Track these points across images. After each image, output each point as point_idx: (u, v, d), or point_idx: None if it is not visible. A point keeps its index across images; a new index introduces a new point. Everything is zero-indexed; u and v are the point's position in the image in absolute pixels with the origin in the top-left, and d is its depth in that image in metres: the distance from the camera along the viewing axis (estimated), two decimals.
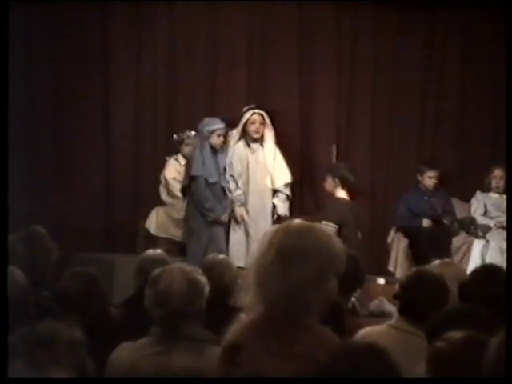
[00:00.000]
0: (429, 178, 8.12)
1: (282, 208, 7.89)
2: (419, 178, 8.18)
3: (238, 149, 7.89)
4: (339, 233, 7.11)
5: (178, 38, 8.77)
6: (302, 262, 2.74)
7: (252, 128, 7.85)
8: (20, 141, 7.98)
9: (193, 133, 8.11)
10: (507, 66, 5.85)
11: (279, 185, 7.93)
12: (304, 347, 2.70)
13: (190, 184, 7.68)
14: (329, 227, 6.98)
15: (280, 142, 8.05)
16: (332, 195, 7.59)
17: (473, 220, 8.04)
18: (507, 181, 6.01)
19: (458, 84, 8.72)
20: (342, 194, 7.54)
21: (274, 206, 7.94)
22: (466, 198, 8.39)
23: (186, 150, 8.15)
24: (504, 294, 3.51)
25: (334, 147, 8.30)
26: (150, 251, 5.04)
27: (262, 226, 7.60)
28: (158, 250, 5.14)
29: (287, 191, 7.97)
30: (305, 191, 8.58)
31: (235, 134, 7.93)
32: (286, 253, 2.74)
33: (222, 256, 5.17)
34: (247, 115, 7.88)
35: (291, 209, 8.01)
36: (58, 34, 8.58)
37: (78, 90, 8.60)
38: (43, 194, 8.41)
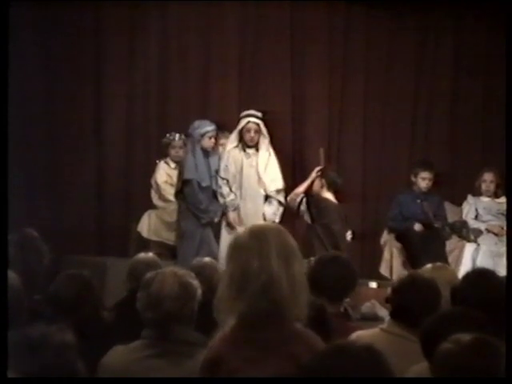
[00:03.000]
0: (422, 180, 8.12)
1: (270, 214, 7.87)
2: (413, 179, 8.18)
3: (233, 152, 7.90)
4: (330, 232, 7.15)
5: (170, 42, 8.76)
6: (298, 261, 2.79)
7: (247, 136, 7.87)
8: (11, 144, 7.94)
9: (177, 135, 8.14)
10: (507, 67, 5.87)
11: (270, 190, 7.93)
12: (290, 352, 2.69)
13: (182, 187, 7.68)
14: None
15: (272, 147, 8.04)
16: (318, 195, 7.62)
17: (464, 223, 8.05)
18: (507, 181, 6.04)
19: (450, 87, 8.74)
20: (327, 195, 7.56)
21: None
22: (458, 202, 8.40)
23: (173, 152, 8.18)
24: (496, 298, 3.53)
25: (321, 151, 8.28)
26: (142, 254, 5.05)
27: None
28: (150, 254, 5.15)
29: (279, 197, 7.96)
30: None
31: (232, 139, 7.94)
32: (286, 253, 2.77)
33: (208, 259, 5.19)
34: (243, 123, 7.88)
35: (283, 213, 7.98)
36: (50, 36, 8.56)
37: (70, 93, 8.58)
38: (35, 197, 8.38)
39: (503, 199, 8.17)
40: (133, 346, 3.29)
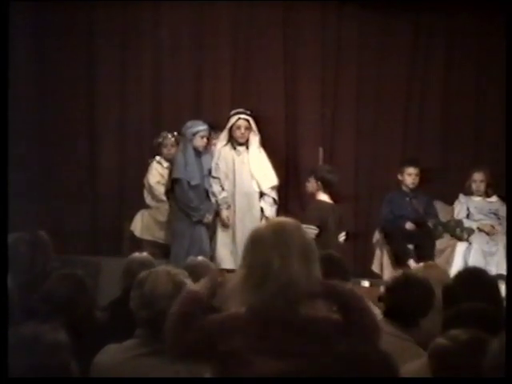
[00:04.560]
0: (408, 175, 8.14)
1: (269, 211, 7.90)
2: (400, 177, 8.21)
3: (224, 151, 7.91)
4: (319, 235, 7.11)
5: (163, 41, 8.76)
6: (316, 258, 2.82)
7: (237, 133, 7.87)
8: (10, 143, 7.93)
9: (169, 135, 8.15)
10: (507, 67, 5.90)
11: (265, 188, 7.94)
12: (305, 348, 2.72)
13: (172, 186, 7.69)
14: (310, 230, 6.98)
15: (265, 145, 8.05)
16: (313, 197, 7.59)
17: (459, 222, 8.06)
18: (507, 181, 6.08)
19: (442, 86, 8.75)
20: (323, 196, 7.52)
21: (262, 209, 7.95)
22: (449, 201, 8.42)
23: (165, 151, 8.18)
24: (488, 296, 3.54)
25: (320, 150, 8.31)
26: (137, 254, 5.06)
27: (248, 228, 7.56)
28: (145, 253, 5.16)
29: (273, 194, 7.98)
30: (290, 194, 8.59)
31: (222, 137, 7.94)
32: (307, 251, 2.80)
33: (201, 258, 5.20)
34: (232, 120, 7.88)
35: (277, 211, 8.00)
36: (44, 36, 8.56)
37: (64, 92, 8.58)
38: (28, 197, 8.37)
39: (494, 198, 8.20)
40: (126, 344, 3.30)
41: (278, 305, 2.74)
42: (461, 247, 7.95)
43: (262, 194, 7.95)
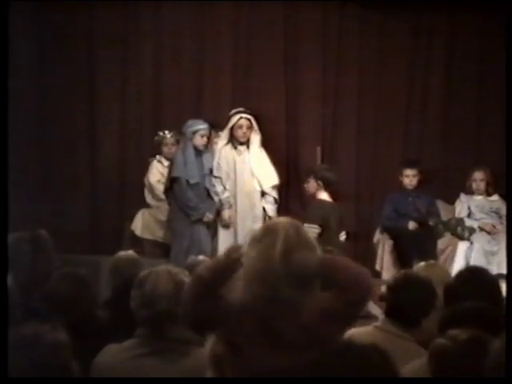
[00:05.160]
0: (406, 177, 8.15)
1: (271, 210, 7.90)
2: (400, 178, 8.22)
3: (224, 150, 7.90)
4: (321, 234, 7.11)
5: (164, 40, 8.76)
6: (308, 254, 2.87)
7: (239, 133, 7.86)
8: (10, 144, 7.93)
9: (169, 134, 8.14)
10: (507, 67, 5.89)
11: (266, 187, 7.93)
12: (304, 344, 2.74)
13: (171, 185, 7.69)
14: (312, 229, 6.97)
15: (265, 144, 8.05)
16: (314, 197, 7.59)
17: (460, 221, 8.05)
18: (507, 181, 6.10)
19: (443, 86, 8.76)
20: (324, 195, 7.53)
21: (264, 208, 7.95)
22: (451, 200, 8.42)
23: (166, 149, 8.18)
24: (489, 296, 3.54)
25: (318, 149, 8.32)
26: (122, 253, 5.08)
27: (250, 227, 7.57)
28: (130, 251, 5.17)
29: (274, 194, 7.98)
30: (291, 193, 8.59)
31: (223, 136, 7.93)
32: (294, 248, 2.84)
33: (202, 257, 5.21)
34: (234, 119, 7.87)
35: (278, 211, 8.00)
36: (44, 36, 8.56)
37: (64, 92, 8.57)
38: (28, 196, 8.37)
39: (495, 197, 8.20)
40: (126, 344, 3.29)
41: (272, 300, 2.78)
42: (462, 246, 7.94)
43: (263, 194, 7.96)
